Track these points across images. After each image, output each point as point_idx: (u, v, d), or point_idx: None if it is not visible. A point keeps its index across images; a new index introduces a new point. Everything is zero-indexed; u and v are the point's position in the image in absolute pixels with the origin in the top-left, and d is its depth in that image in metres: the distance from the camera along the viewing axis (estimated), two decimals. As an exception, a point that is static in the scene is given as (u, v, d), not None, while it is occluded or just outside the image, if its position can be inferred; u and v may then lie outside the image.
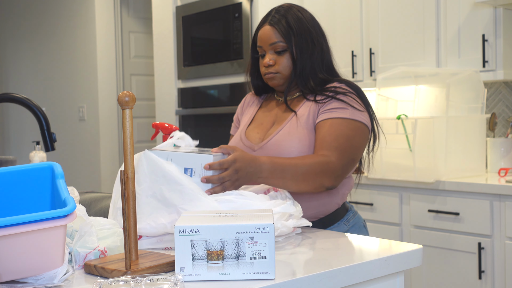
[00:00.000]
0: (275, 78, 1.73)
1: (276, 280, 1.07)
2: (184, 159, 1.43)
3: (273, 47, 1.71)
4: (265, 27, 1.73)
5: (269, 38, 1.71)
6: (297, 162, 1.54)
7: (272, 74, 1.72)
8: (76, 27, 5.39)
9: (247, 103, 1.92)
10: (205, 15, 3.90)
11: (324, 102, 1.67)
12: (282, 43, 1.70)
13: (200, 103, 3.99)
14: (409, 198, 2.88)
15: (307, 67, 1.71)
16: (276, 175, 1.50)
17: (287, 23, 1.70)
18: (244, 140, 1.77)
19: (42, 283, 1.06)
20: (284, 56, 1.71)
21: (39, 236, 1.01)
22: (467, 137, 2.88)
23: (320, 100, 1.68)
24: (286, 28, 1.69)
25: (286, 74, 1.72)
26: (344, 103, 1.64)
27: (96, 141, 5.23)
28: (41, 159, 2.97)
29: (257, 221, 1.09)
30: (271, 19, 1.72)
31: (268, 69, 1.72)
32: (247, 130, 1.80)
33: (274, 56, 1.72)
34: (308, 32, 1.71)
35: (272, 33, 1.71)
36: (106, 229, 1.27)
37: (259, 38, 1.74)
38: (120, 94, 1.17)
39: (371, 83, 3.30)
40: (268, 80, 1.75)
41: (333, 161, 1.57)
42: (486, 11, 2.84)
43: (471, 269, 2.66)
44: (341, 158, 1.58)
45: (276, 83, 1.74)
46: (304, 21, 1.71)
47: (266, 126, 1.78)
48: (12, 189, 1.14)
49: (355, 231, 1.75)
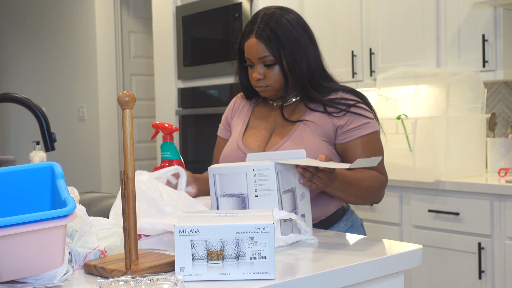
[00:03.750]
0: (266, 91, 1.71)
1: (276, 280, 1.07)
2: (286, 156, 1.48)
3: (261, 61, 1.67)
4: (251, 39, 1.66)
5: (257, 52, 1.66)
6: (360, 177, 1.60)
7: (263, 87, 1.70)
8: (76, 27, 5.39)
9: (237, 106, 1.89)
10: (205, 15, 3.90)
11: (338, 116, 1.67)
12: (271, 56, 1.65)
13: (200, 103, 3.99)
14: (409, 198, 2.88)
15: (305, 77, 1.67)
16: (342, 188, 1.55)
17: (274, 34, 1.64)
18: (243, 147, 1.74)
19: (42, 283, 1.06)
20: (274, 69, 1.67)
21: (39, 236, 1.01)
22: (467, 137, 2.88)
23: (333, 113, 1.67)
24: (273, 41, 1.64)
25: (277, 87, 1.69)
26: (363, 117, 1.67)
27: (96, 141, 5.23)
28: (41, 159, 2.97)
29: (257, 221, 1.09)
30: (256, 30, 1.66)
31: (259, 83, 1.69)
32: (244, 138, 1.77)
33: (263, 69, 1.67)
34: (297, 41, 1.66)
35: (258, 47, 1.65)
36: (106, 229, 1.27)
37: (246, 50, 1.69)
38: (120, 94, 1.17)
39: (371, 83, 3.30)
40: (260, 92, 1.73)
41: (382, 177, 1.66)
42: (486, 11, 2.84)
43: (471, 269, 2.66)
44: (384, 172, 1.69)
45: (267, 95, 1.73)
46: (291, 29, 1.65)
47: (264, 134, 1.75)
48: (12, 189, 1.14)
49: (353, 230, 1.76)
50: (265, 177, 1.37)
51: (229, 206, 1.41)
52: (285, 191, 1.40)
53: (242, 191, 1.40)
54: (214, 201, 1.43)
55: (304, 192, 1.49)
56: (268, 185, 1.37)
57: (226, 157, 1.76)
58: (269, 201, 1.37)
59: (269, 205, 1.37)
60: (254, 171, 1.38)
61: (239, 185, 1.40)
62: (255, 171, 1.38)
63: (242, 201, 1.40)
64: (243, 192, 1.39)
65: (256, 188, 1.38)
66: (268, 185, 1.37)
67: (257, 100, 1.86)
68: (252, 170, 1.38)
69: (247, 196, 1.39)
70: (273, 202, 1.37)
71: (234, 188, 1.40)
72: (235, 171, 1.40)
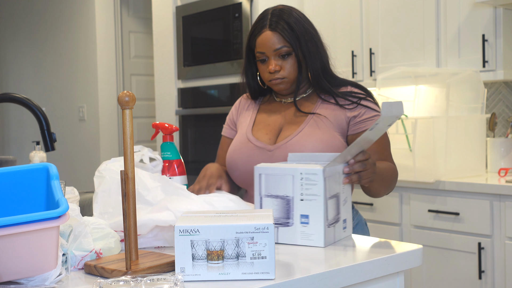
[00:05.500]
0: (282, 83, 1.73)
1: (276, 280, 1.07)
2: None
3: (277, 52, 1.70)
4: (266, 32, 1.70)
5: (272, 44, 1.69)
6: (386, 168, 1.64)
7: (279, 79, 1.72)
8: (76, 27, 5.39)
9: (243, 105, 1.91)
10: (205, 15, 3.90)
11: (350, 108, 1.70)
12: (287, 47, 1.69)
13: (200, 103, 3.99)
14: (409, 198, 2.88)
15: (318, 67, 1.72)
16: (378, 179, 1.58)
17: (288, 25, 1.68)
18: (254, 140, 1.76)
19: (34, 285, 1.06)
20: (289, 60, 1.71)
21: (31, 238, 1.00)
22: (467, 137, 2.88)
23: (345, 105, 1.70)
24: (288, 31, 1.68)
25: (293, 78, 1.72)
26: (373, 110, 1.71)
27: (96, 141, 5.23)
28: (41, 159, 2.97)
29: (257, 221, 1.09)
30: (270, 23, 1.70)
31: (274, 75, 1.71)
32: (253, 131, 1.79)
33: (279, 61, 1.71)
34: (309, 32, 1.71)
35: (275, 38, 1.69)
36: (100, 229, 1.26)
37: (261, 44, 1.71)
38: (120, 94, 1.17)
39: (371, 83, 3.30)
40: (274, 85, 1.74)
41: (395, 168, 1.71)
42: (486, 11, 2.84)
43: (471, 269, 2.66)
44: (394, 163, 1.74)
45: (283, 88, 1.74)
46: (302, 21, 1.71)
47: (274, 127, 1.77)
48: (7, 190, 1.14)
49: (358, 229, 1.77)
50: (313, 181, 1.34)
51: (272, 207, 1.39)
52: (330, 197, 1.38)
53: (288, 194, 1.37)
54: (258, 201, 1.41)
55: (347, 197, 1.47)
56: (315, 190, 1.34)
57: (236, 150, 1.77)
58: (315, 206, 1.35)
59: (315, 209, 1.35)
60: (302, 174, 1.35)
61: (285, 187, 1.37)
62: (303, 174, 1.35)
63: (286, 203, 1.38)
64: (289, 195, 1.37)
65: (302, 192, 1.36)
66: (315, 190, 1.34)
67: (263, 99, 1.88)
68: (299, 173, 1.35)
69: (292, 198, 1.37)
70: (318, 207, 1.34)
71: (280, 189, 1.38)
72: (282, 173, 1.37)
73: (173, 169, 1.74)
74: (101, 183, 1.43)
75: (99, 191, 1.42)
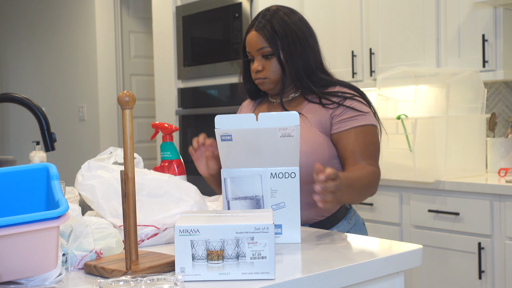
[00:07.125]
0: (265, 83, 1.75)
1: (276, 280, 1.07)
2: None
3: (260, 53, 1.73)
4: (252, 32, 1.74)
5: (255, 44, 1.73)
6: (359, 176, 1.55)
7: (261, 79, 1.74)
8: (76, 27, 5.39)
9: (245, 107, 1.94)
10: (205, 15, 3.90)
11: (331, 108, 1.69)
12: (268, 48, 1.71)
13: (200, 103, 3.99)
14: (409, 198, 2.88)
15: (300, 69, 1.72)
16: (348, 191, 1.47)
17: (271, 27, 1.70)
18: None
19: (34, 285, 1.06)
20: (272, 61, 1.72)
21: (31, 238, 1.00)
22: (467, 137, 2.88)
23: (328, 105, 1.70)
24: (270, 32, 1.70)
25: (275, 79, 1.74)
26: (357, 110, 1.68)
27: (96, 141, 5.23)
28: (41, 159, 2.97)
29: (257, 221, 1.09)
30: (257, 24, 1.73)
31: (257, 75, 1.75)
32: None
33: (262, 61, 1.73)
34: (294, 35, 1.71)
35: (257, 38, 1.72)
36: (102, 228, 1.26)
37: (247, 44, 1.76)
38: (120, 94, 1.17)
39: (371, 83, 3.30)
40: (259, 85, 1.77)
41: (376, 170, 1.63)
42: (486, 11, 2.84)
43: (471, 269, 2.66)
44: (377, 165, 1.67)
45: (266, 88, 1.77)
46: (290, 24, 1.71)
47: None
48: (7, 190, 1.14)
49: (356, 229, 1.77)
50: None
51: (241, 208, 1.43)
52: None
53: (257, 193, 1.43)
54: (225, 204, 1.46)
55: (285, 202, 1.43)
56: None
57: None
58: None
59: None
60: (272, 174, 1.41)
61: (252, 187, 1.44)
62: None
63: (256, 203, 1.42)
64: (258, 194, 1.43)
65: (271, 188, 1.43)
66: None
67: (261, 100, 1.90)
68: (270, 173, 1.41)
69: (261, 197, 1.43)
70: None
71: None
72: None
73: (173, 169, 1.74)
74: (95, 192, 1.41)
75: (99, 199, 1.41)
